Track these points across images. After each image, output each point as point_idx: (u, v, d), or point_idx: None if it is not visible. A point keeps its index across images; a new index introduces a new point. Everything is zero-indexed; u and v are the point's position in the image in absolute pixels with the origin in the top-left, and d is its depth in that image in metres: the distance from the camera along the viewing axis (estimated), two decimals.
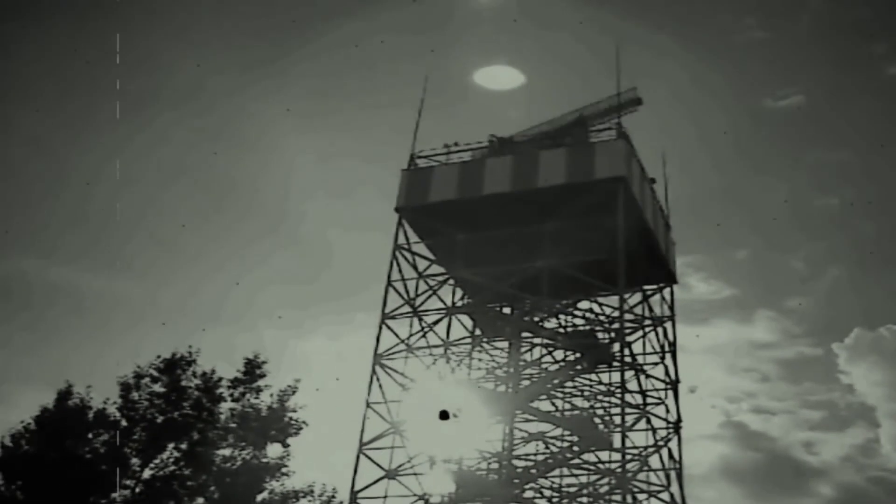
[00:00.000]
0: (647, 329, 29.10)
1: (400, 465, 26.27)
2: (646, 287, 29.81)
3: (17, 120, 59.29)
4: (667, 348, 28.98)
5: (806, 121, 70.66)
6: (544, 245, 27.55)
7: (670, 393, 28.31)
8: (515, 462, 27.39)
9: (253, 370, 29.94)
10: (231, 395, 29.55)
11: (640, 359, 28.67)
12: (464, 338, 29.85)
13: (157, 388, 29.28)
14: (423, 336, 28.42)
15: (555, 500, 27.82)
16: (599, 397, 28.65)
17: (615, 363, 27.25)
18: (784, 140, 70.69)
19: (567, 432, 27.50)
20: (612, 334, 27.95)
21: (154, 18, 60.57)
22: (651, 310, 29.68)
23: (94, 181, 62.71)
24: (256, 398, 29.53)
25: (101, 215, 65.18)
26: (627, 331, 27.81)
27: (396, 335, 28.11)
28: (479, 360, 29.99)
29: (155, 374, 29.45)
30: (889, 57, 71.86)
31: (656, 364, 28.75)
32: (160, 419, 28.54)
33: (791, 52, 69.51)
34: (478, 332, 30.18)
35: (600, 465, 27.23)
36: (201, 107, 67.39)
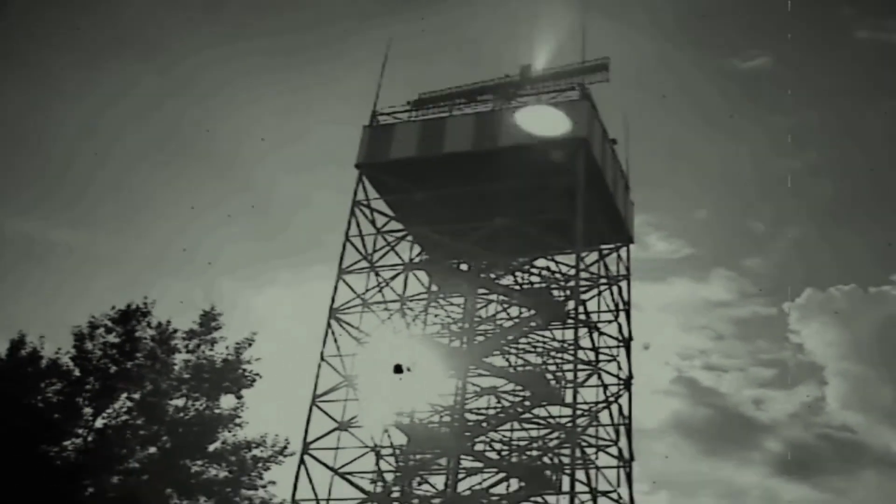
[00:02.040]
0: (602, 288, 29.37)
1: (352, 418, 26.45)
2: (603, 246, 30.04)
3: None
4: (621, 307, 29.30)
5: (771, 82, 71.11)
6: (503, 203, 27.63)
7: (623, 350, 28.72)
8: (467, 416, 27.66)
9: (209, 322, 29.89)
10: (186, 346, 29.52)
11: (594, 317, 28.96)
12: (420, 293, 29.98)
13: (112, 338, 29.15)
14: (380, 291, 28.49)
15: (504, 453, 28.19)
16: (552, 354, 28.95)
17: (569, 321, 27.51)
18: (749, 101, 71.18)
19: (519, 387, 27.80)
20: (568, 292, 28.17)
21: None
22: (607, 269, 29.94)
23: (52, 132, 61.54)
24: (211, 350, 29.53)
25: (59, 166, 64.27)
26: (583, 289, 28.02)
27: (353, 290, 28.16)
28: (435, 315, 30.16)
29: (109, 324, 29.30)
30: (857, 20, 72.30)
31: (610, 322, 29.09)
32: (113, 369, 28.43)
33: (758, 14, 69.66)
34: (434, 287, 30.31)
35: (551, 420, 27.62)
36: (167, 61, 66.44)
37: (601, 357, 28.45)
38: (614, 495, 26.33)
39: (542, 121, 27.99)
